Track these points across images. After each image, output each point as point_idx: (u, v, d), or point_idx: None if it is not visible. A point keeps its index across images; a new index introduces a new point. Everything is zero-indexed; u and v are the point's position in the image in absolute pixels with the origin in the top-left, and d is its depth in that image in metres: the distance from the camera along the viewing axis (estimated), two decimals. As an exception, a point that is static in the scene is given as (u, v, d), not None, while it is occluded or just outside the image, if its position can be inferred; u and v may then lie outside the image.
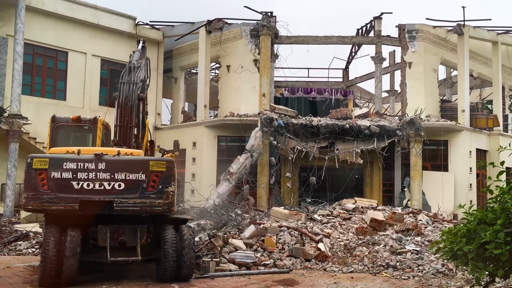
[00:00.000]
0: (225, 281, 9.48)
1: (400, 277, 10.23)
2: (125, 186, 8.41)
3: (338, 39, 24.08)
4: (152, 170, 8.54)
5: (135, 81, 10.37)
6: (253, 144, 18.62)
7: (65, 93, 21.72)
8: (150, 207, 8.47)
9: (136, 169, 8.50)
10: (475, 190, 21.72)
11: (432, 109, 22.99)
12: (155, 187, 8.50)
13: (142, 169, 8.52)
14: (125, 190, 8.40)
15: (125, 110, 10.05)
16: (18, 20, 18.38)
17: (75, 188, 8.29)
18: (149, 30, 24.34)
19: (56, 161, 8.39)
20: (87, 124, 10.58)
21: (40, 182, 8.24)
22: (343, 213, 15.80)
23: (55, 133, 10.42)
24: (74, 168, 8.33)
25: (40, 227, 14.29)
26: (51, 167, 8.30)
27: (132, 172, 8.47)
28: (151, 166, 8.58)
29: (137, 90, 10.31)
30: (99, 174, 8.37)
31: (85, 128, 10.65)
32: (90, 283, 8.78)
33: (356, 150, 19.86)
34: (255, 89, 21.68)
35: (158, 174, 8.55)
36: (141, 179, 8.47)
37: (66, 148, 9.04)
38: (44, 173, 8.26)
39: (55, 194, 8.23)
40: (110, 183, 8.38)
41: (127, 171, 8.46)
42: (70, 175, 8.31)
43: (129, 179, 8.43)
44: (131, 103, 10.06)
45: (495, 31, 24.84)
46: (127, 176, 8.44)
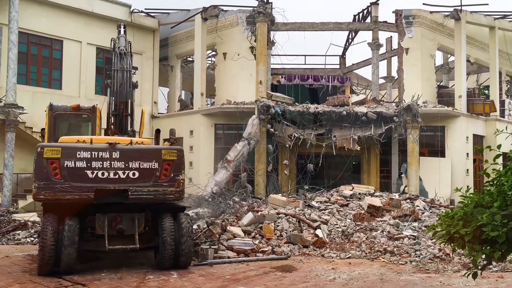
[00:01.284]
0: (223, 268, 9.52)
1: (398, 262, 10.30)
2: (139, 175, 8.54)
3: (335, 25, 23.96)
4: (164, 158, 8.71)
5: (129, 68, 10.29)
6: (250, 131, 18.61)
7: (60, 82, 21.60)
8: (163, 195, 8.64)
9: (149, 158, 8.64)
10: (472, 175, 21.80)
11: (429, 95, 22.96)
12: (167, 175, 8.68)
13: (155, 158, 8.67)
14: (139, 178, 8.54)
15: (120, 98, 10.00)
16: (12, 9, 18.21)
17: (90, 177, 8.34)
18: (145, 18, 24.16)
19: (69, 150, 8.40)
20: (86, 112, 10.56)
21: (52, 171, 8.22)
22: (341, 199, 15.85)
23: (52, 121, 10.36)
24: (88, 157, 8.37)
25: (38, 216, 14.32)
26: (64, 156, 8.30)
27: (146, 160, 8.61)
28: (164, 155, 8.73)
29: (131, 76, 10.24)
30: (113, 163, 8.46)
31: (83, 116, 10.62)
32: (88, 272, 8.81)
33: (353, 137, 19.87)
34: (252, 77, 21.59)
35: (170, 162, 8.74)
36: (154, 168, 8.63)
37: (76, 137, 9.04)
38: (57, 162, 8.26)
39: (69, 183, 8.25)
40: (125, 171, 8.48)
41: (141, 160, 8.59)
42: (84, 164, 8.34)
43: (143, 168, 8.57)
44: (126, 90, 9.98)
45: (492, 16, 24.73)
46: (141, 164, 8.57)
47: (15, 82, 18.09)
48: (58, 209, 8.63)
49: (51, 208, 8.74)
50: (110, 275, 8.60)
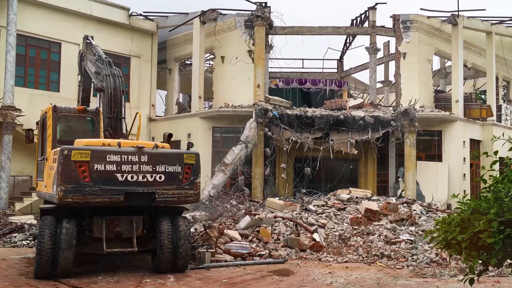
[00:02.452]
0: (220, 271, 9.52)
1: (395, 266, 10.32)
2: (165, 178, 8.79)
3: (333, 29, 24.03)
4: (185, 162, 9.02)
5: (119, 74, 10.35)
6: (248, 135, 18.64)
7: (58, 84, 21.57)
8: (185, 197, 8.97)
9: (174, 162, 8.91)
10: (468, 180, 21.85)
11: (426, 100, 23.04)
12: (188, 178, 9.00)
13: (179, 162, 8.95)
14: (165, 181, 8.78)
15: (114, 102, 10.02)
16: (11, 11, 18.22)
17: (120, 180, 8.45)
18: (143, 21, 24.18)
19: (98, 153, 8.48)
20: (91, 115, 10.65)
21: (81, 175, 8.25)
22: (338, 203, 15.88)
23: (55, 123, 10.28)
24: (118, 161, 8.51)
25: (35, 219, 14.28)
26: (94, 160, 8.36)
27: (171, 164, 8.88)
28: (185, 159, 9.03)
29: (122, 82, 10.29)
30: (142, 167, 8.64)
31: (87, 119, 10.68)
32: (86, 275, 8.80)
33: (350, 141, 19.91)
34: (250, 80, 21.62)
35: (190, 166, 9.05)
36: (177, 171, 8.91)
37: (101, 141, 9.18)
38: (85, 165, 8.29)
39: (99, 186, 8.31)
40: (152, 175, 8.70)
41: (167, 164, 8.86)
42: (114, 167, 8.46)
43: (168, 171, 8.84)
44: (119, 94, 10.02)
45: (489, 21, 24.85)
46: (166, 168, 8.83)
47: (13, 84, 18.08)
48: (56, 212, 8.63)
49: (48, 211, 8.74)
50: (107, 279, 8.60)
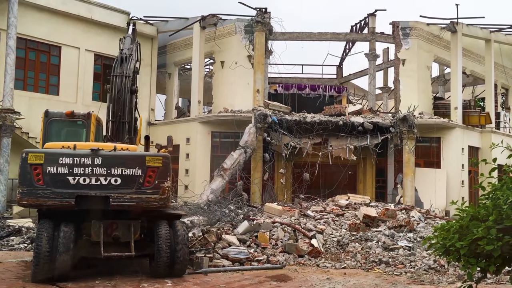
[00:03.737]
0: (218, 276, 9.49)
1: (393, 273, 10.30)
2: (121, 181, 8.39)
3: (332, 35, 24.11)
4: (148, 165, 8.53)
5: (127, 73, 10.25)
6: (247, 140, 18.64)
7: (58, 88, 21.60)
8: (146, 202, 8.46)
9: (132, 164, 8.48)
10: (467, 187, 21.88)
11: (425, 106, 23.09)
12: (151, 182, 8.50)
13: (139, 165, 8.50)
14: (121, 185, 8.38)
15: (118, 105, 9.97)
16: (11, 14, 18.25)
17: (71, 183, 8.25)
18: (143, 25, 24.22)
19: (51, 156, 8.33)
20: (81, 119, 10.50)
21: (35, 177, 8.19)
22: (336, 209, 15.86)
23: (48, 128, 10.35)
24: (70, 163, 8.28)
25: (32, 222, 14.25)
26: (47, 162, 8.24)
27: (129, 167, 8.45)
28: (148, 162, 8.55)
29: (129, 82, 10.18)
30: (95, 169, 8.33)
31: (78, 123, 10.57)
32: (83, 279, 8.76)
33: (349, 147, 19.93)
34: (249, 85, 21.66)
35: (154, 169, 8.55)
36: (137, 174, 8.46)
37: (61, 143, 8.97)
38: (40, 168, 8.21)
39: (50, 189, 8.18)
40: (107, 178, 8.35)
41: (124, 166, 8.43)
42: (66, 170, 8.26)
43: (125, 174, 8.42)
44: (124, 97, 9.96)
45: (488, 29, 24.96)
46: (123, 171, 8.42)
47: (12, 87, 18.08)
48: (54, 215, 8.61)
49: (46, 214, 8.72)
50: (104, 283, 8.56)
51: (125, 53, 10.81)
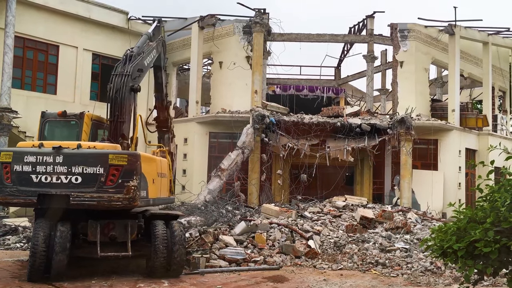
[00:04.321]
0: (215, 277, 9.49)
1: (389, 274, 10.31)
2: (82, 180, 8.24)
3: (331, 37, 24.13)
4: (111, 163, 8.29)
5: (128, 72, 10.16)
6: (245, 140, 18.63)
7: (55, 87, 21.56)
8: (108, 201, 8.20)
9: (93, 163, 8.28)
10: (464, 189, 21.92)
11: (423, 108, 23.12)
12: (114, 181, 8.25)
13: (101, 163, 8.28)
14: (82, 184, 8.23)
15: (116, 104, 9.92)
16: (9, 13, 18.21)
17: (34, 182, 8.25)
18: (142, 25, 24.20)
19: (18, 154, 8.39)
20: (74, 119, 10.47)
21: (5, 175, 8.29)
22: (333, 210, 15.87)
23: (43, 128, 10.39)
24: (33, 162, 8.29)
25: (29, 221, 14.21)
26: (14, 160, 8.31)
27: (90, 165, 8.27)
28: (111, 160, 8.31)
29: (131, 81, 10.07)
30: (56, 168, 8.27)
31: (72, 123, 10.53)
32: (79, 278, 8.75)
33: (347, 148, 19.93)
34: (247, 86, 21.65)
35: (118, 167, 8.28)
36: (98, 173, 8.24)
37: (32, 142, 9.01)
38: (9, 167, 8.30)
39: (16, 187, 8.24)
40: (67, 176, 8.25)
41: (85, 165, 8.26)
42: (30, 168, 8.28)
43: (86, 173, 8.25)
44: (122, 96, 9.88)
45: (486, 32, 25.02)
46: (84, 169, 8.25)
47: (10, 86, 18.04)
48: (50, 215, 8.59)
49: (42, 213, 8.70)
50: (101, 283, 8.55)
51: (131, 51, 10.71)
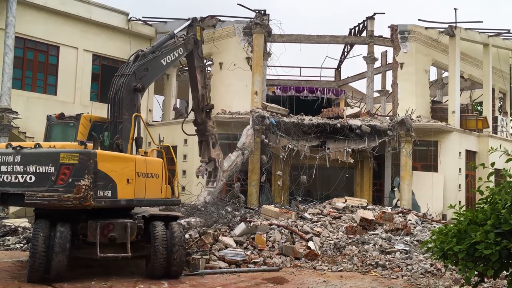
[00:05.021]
0: (214, 278, 9.47)
1: (389, 276, 10.29)
2: (35, 179, 8.27)
3: (331, 38, 24.13)
4: (62, 162, 8.21)
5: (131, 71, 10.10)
6: (245, 142, 18.62)
7: (56, 87, 21.56)
8: (58, 201, 8.11)
9: (45, 162, 8.28)
10: (464, 191, 21.91)
11: (423, 110, 23.12)
12: (65, 180, 8.16)
13: (52, 162, 8.25)
14: (35, 183, 8.25)
15: (115, 105, 9.91)
16: (9, 13, 18.21)
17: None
18: (142, 26, 24.22)
19: None
20: (71, 120, 10.50)
21: None
22: (333, 212, 15.85)
23: (48, 130, 10.51)
24: None
25: (28, 222, 14.19)
26: None
27: (42, 164, 8.28)
28: (62, 159, 8.22)
29: (134, 81, 10.04)
30: (15, 167, 8.40)
31: (70, 124, 10.55)
32: (79, 279, 8.73)
33: (347, 150, 19.92)
34: (247, 87, 21.65)
35: (69, 166, 8.19)
36: (50, 172, 8.22)
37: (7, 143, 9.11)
38: None
39: None
40: (23, 175, 8.32)
41: (38, 164, 8.30)
42: None
43: (39, 172, 8.27)
44: (120, 96, 9.84)
45: (486, 33, 25.03)
46: (37, 168, 8.29)
47: (10, 86, 18.04)
48: (50, 215, 8.59)
49: (42, 214, 8.70)
50: (100, 283, 8.53)
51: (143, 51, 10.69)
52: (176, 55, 11.56)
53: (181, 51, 11.81)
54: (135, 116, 9.93)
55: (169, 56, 11.31)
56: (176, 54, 11.56)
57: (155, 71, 10.87)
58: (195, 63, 12.58)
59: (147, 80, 10.53)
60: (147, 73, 10.49)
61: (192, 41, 12.40)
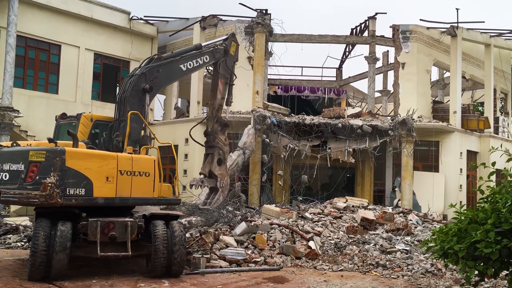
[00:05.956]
0: (215, 277, 9.47)
1: (390, 276, 10.28)
2: (9, 177, 8.38)
3: (332, 38, 24.13)
4: (31, 160, 8.23)
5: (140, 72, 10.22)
6: (246, 141, 18.63)
7: (57, 86, 21.59)
8: (27, 198, 8.16)
9: (17, 160, 8.36)
10: (465, 191, 21.89)
11: (424, 110, 23.10)
12: (33, 177, 8.19)
13: (22, 160, 8.30)
14: (8, 180, 8.36)
15: (121, 104, 10.02)
16: (11, 12, 18.24)
17: None
18: (143, 25, 24.24)
19: None
20: (72, 120, 10.59)
21: None
22: (334, 211, 15.85)
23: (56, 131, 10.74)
24: None
25: (30, 220, 14.21)
26: None
27: (14, 162, 8.37)
28: (30, 156, 8.25)
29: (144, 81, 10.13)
30: None
31: (73, 124, 10.62)
32: (79, 278, 8.74)
33: (348, 149, 19.92)
34: (249, 86, 21.65)
35: (37, 164, 8.21)
36: (20, 170, 8.29)
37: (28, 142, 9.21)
38: None
39: None
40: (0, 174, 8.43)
41: (11, 162, 8.39)
42: None
43: (12, 170, 8.37)
44: (125, 95, 9.91)
45: (488, 34, 25.00)
46: (10, 166, 8.39)
47: (12, 85, 18.08)
48: (51, 214, 8.60)
49: (43, 213, 8.71)
50: (101, 282, 8.54)
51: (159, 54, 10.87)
52: (201, 62, 11.65)
53: (207, 59, 11.87)
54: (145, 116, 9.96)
55: (191, 62, 11.42)
56: (201, 61, 11.65)
57: (171, 75, 10.97)
58: (220, 71, 12.53)
59: (158, 82, 10.60)
60: (158, 75, 10.56)
61: (222, 51, 12.40)
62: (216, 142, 12.27)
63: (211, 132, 12.30)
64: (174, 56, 11.23)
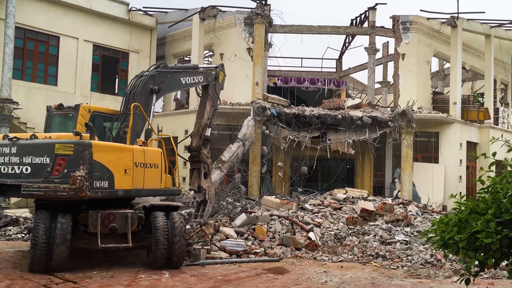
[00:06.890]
0: (215, 268, 9.51)
1: (389, 266, 10.32)
2: (31, 170, 8.28)
3: (332, 29, 24.02)
4: (57, 153, 8.19)
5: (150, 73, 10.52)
6: (246, 133, 18.59)
7: (56, 78, 21.53)
8: (54, 192, 8.10)
9: (41, 153, 8.27)
10: (464, 182, 21.92)
11: (424, 101, 23.07)
12: (60, 171, 8.15)
13: (47, 153, 8.23)
14: (31, 174, 8.26)
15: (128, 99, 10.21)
16: (10, 3, 18.14)
17: None
18: (142, 16, 24.12)
19: None
20: (70, 111, 10.53)
21: None
22: (334, 203, 15.87)
23: (48, 121, 10.52)
24: None
25: (30, 212, 14.23)
26: None
27: (38, 155, 8.27)
28: (57, 149, 8.20)
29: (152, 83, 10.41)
30: (11, 158, 8.42)
31: (70, 115, 10.58)
32: (80, 269, 8.77)
33: (348, 141, 19.92)
34: (248, 78, 21.60)
35: (65, 157, 8.17)
36: (45, 163, 8.21)
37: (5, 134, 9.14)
38: None
39: None
40: (20, 167, 8.33)
41: (34, 155, 8.29)
42: None
43: (35, 163, 8.27)
44: (135, 91, 10.16)
45: (488, 24, 24.89)
46: (33, 160, 8.30)
47: (10, 77, 18.02)
48: (51, 206, 8.60)
49: (43, 205, 8.71)
50: (102, 273, 8.57)
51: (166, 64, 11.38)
52: (196, 80, 12.02)
53: (201, 79, 12.21)
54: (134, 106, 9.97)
55: (189, 78, 11.75)
56: (196, 79, 12.02)
57: (173, 84, 11.34)
58: (209, 93, 12.74)
59: (165, 87, 10.90)
60: (166, 80, 10.85)
61: (213, 76, 12.67)
62: (201, 157, 12.43)
63: (196, 147, 12.42)
64: (177, 69, 11.75)
